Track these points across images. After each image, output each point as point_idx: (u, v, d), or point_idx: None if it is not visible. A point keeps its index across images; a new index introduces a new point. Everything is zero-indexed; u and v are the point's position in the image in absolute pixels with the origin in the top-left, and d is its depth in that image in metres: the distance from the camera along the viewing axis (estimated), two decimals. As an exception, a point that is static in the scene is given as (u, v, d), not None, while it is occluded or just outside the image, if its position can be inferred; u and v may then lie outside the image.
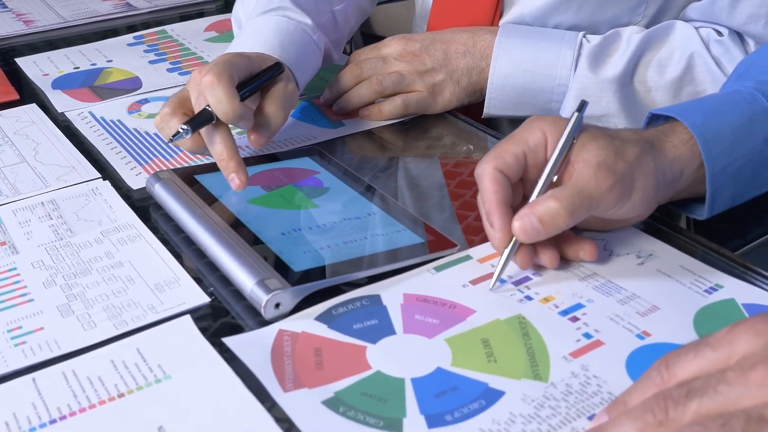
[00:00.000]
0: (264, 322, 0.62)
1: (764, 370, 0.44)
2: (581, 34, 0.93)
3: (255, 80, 0.81)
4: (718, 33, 0.92)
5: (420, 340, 0.60)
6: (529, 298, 0.64)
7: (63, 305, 0.65)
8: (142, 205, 0.80)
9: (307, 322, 0.62)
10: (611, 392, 0.54)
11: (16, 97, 1.07)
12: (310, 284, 0.64)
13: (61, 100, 1.05)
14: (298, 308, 0.63)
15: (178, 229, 0.75)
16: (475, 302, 0.63)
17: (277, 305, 0.62)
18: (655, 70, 0.91)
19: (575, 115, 0.65)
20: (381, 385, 0.56)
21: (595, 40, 0.93)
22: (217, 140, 0.77)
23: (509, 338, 0.59)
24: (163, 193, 0.78)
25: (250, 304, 0.64)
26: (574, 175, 0.64)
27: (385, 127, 0.95)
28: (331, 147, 0.90)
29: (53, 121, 0.99)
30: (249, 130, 0.81)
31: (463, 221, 0.75)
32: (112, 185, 0.83)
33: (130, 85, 1.09)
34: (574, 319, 0.61)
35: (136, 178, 0.85)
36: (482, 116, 0.96)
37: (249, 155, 0.87)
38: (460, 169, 0.85)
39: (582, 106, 0.67)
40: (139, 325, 0.63)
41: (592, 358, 0.57)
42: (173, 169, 0.83)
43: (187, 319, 0.63)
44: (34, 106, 1.04)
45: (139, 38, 1.27)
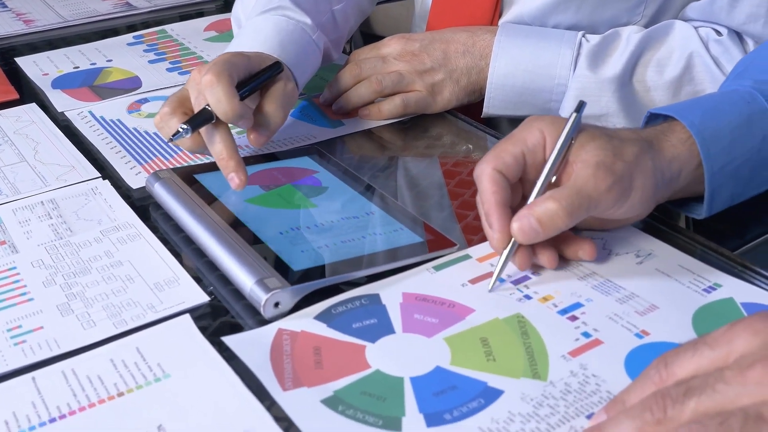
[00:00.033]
0: (263, 321, 0.62)
1: (762, 368, 0.44)
2: (580, 33, 0.93)
3: (254, 80, 0.81)
4: (717, 32, 0.92)
5: (419, 339, 0.60)
6: (528, 297, 0.64)
7: (63, 304, 0.65)
8: (142, 205, 0.80)
9: (306, 321, 0.62)
10: (610, 391, 0.54)
11: (16, 96, 1.07)
12: (310, 283, 0.64)
13: (60, 100, 1.05)
14: (297, 307, 0.63)
15: (178, 229, 0.75)
16: (474, 301, 0.63)
17: (277, 304, 0.62)
18: (654, 70, 0.91)
19: (573, 116, 0.65)
20: (380, 384, 0.56)
21: (595, 39, 0.93)
22: (217, 139, 0.77)
23: (508, 337, 0.60)
24: (162, 193, 0.78)
25: (250, 303, 0.64)
26: (573, 176, 0.64)
27: (384, 127, 0.95)
28: (330, 146, 0.90)
29: (53, 121, 0.99)
30: (248, 130, 0.81)
31: (463, 220, 0.76)
32: (112, 184, 0.83)
33: (130, 85, 1.09)
34: (573, 318, 0.61)
35: (135, 178, 0.85)
36: (481, 116, 0.96)
37: (248, 154, 0.87)
38: (460, 169, 0.85)
39: (580, 107, 0.67)
40: (139, 324, 0.63)
41: (590, 357, 0.57)
42: (173, 168, 0.83)
43: (187, 318, 0.63)
44: (33, 105, 1.04)
45: (139, 38, 1.27)
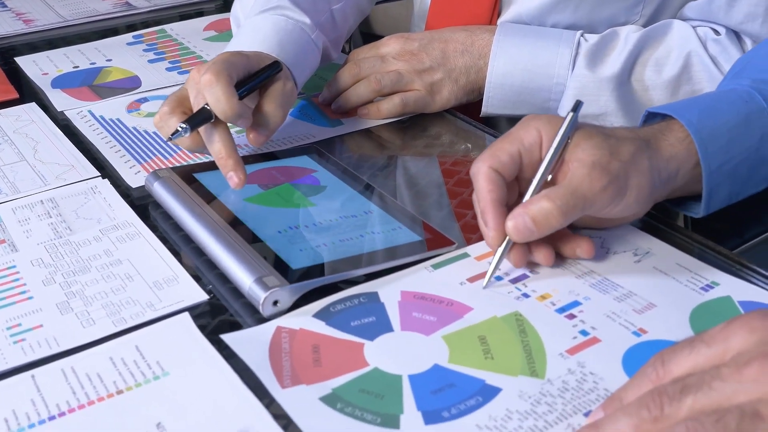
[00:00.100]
0: (262, 320, 0.62)
1: (758, 366, 0.44)
2: (579, 33, 0.93)
3: (253, 79, 0.81)
4: (716, 32, 0.92)
5: (417, 337, 0.60)
6: (526, 296, 0.64)
7: (62, 303, 0.66)
8: (141, 204, 0.80)
9: (305, 319, 0.62)
10: (607, 389, 0.54)
11: (16, 96, 1.08)
12: (308, 282, 0.64)
13: (60, 99, 1.05)
14: (296, 305, 0.63)
15: (177, 227, 0.75)
16: (472, 300, 0.64)
17: (275, 302, 0.63)
18: (652, 69, 0.91)
19: (570, 115, 0.66)
20: (378, 382, 0.56)
21: (593, 39, 0.93)
22: (216, 139, 0.77)
23: (506, 335, 0.60)
24: (161, 192, 0.78)
25: (249, 302, 0.64)
26: (569, 175, 0.64)
27: (383, 126, 0.95)
28: (329, 146, 0.90)
29: (53, 120, 0.99)
30: (247, 129, 0.81)
31: (461, 219, 0.76)
32: (111, 183, 0.84)
33: (130, 84, 1.09)
34: (571, 317, 0.61)
35: (135, 177, 0.85)
36: (480, 115, 0.97)
37: (247, 153, 0.87)
38: (459, 168, 0.85)
39: (577, 106, 0.67)
40: (138, 323, 0.63)
41: (588, 355, 0.57)
42: (172, 167, 0.83)
43: (186, 316, 0.63)
44: (33, 105, 1.04)
45: (139, 37, 1.27)
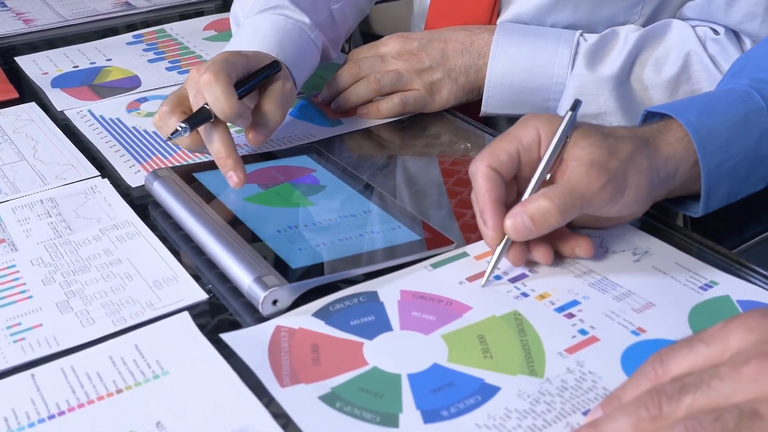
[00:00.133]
0: (261, 319, 0.63)
1: (757, 365, 0.44)
2: (578, 32, 0.93)
3: (253, 78, 0.81)
4: (715, 32, 0.92)
5: (416, 336, 0.60)
6: (525, 295, 0.64)
7: (62, 302, 0.66)
8: (141, 203, 0.80)
9: (304, 319, 0.62)
10: (606, 388, 0.54)
11: (16, 95, 1.08)
12: (308, 281, 0.65)
13: (60, 99, 1.05)
14: (295, 305, 0.64)
15: (177, 227, 0.75)
16: (472, 299, 0.64)
17: (275, 302, 0.63)
18: (651, 69, 0.91)
19: (569, 114, 0.66)
20: (377, 381, 0.56)
21: (592, 38, 0.93)
22: (216, 138, 0.77)
23: (505, 334, 0.60)
24: (161, 191, 0.78)
25: (248, 301, 0.64)
26: (567, 174, 0.64)
27: (383, 126, 0.95)
28: (329, 145, 0.90)
29: (52, 120, 0.99)
30: (247, 129, 0.82)
31: (461, 219, 0.76)
32: (111, 183, 0.84)
33: (129, 84, 1.09)
34: (570, 316, 0.61)
35: (134, 176, 0.85)
36: (480, 114, 0.97)
37: (247, 153, 0.88)
38: (458, 167, 0.85)
39: (576, 105, 0.67)
40: (138, 322, 0.63)
41: (587, 354, 0.57)
42: (172, 167, 0.83)
43: (185, 315, 0.63)
44: (33, 104, 1.04)
45: (139, 37, 1.27)
